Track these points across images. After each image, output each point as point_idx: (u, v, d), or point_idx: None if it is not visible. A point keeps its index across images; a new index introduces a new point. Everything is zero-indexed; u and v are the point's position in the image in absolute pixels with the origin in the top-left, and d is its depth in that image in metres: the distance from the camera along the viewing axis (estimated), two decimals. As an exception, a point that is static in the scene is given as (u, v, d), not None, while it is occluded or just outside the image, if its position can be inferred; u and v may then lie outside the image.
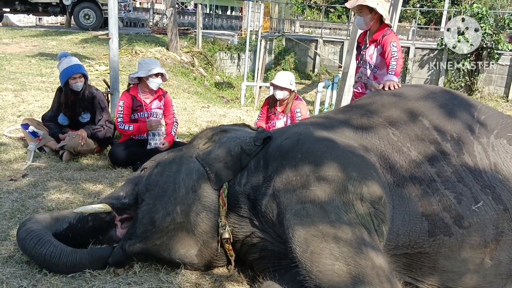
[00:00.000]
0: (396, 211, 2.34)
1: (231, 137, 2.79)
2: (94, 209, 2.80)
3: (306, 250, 2.10)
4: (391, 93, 3.13)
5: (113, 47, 6.17)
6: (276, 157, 2.52)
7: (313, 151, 2.42)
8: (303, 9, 35.68)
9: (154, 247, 2.62)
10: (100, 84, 7.19)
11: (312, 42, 22.92)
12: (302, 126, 2.82)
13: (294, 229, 2.17)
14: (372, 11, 3.97)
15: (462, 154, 2.51)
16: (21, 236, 2.59)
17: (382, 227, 2.23)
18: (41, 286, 2.48)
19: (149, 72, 4.70)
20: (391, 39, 3.96)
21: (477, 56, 17.09)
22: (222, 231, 2.56)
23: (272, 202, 2.40)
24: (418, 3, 29.11)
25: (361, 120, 2.74)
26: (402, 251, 2.33)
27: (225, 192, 2.60)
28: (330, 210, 2.17)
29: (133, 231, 2.64)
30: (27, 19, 23.10)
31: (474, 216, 2.32)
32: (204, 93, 12.42)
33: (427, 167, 2.46)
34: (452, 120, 2.66)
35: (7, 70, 9.34)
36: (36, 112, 6.27)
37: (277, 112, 5.11)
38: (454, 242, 2.30)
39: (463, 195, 2.36)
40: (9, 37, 14.04)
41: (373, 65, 4.14)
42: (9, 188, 3.84)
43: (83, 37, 14.45)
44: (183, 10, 26.85)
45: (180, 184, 2.64)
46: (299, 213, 2.21)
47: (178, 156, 2.84)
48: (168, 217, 2.59)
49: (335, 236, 2.09)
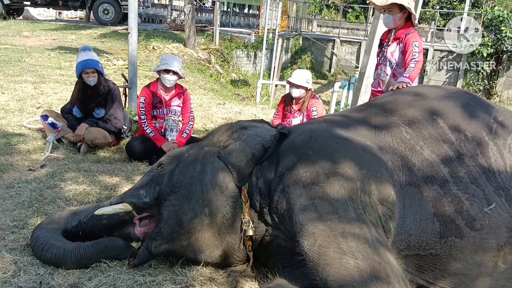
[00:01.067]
0: (408, 210, 2.32)
1: (251, 135, 2.77)
2: (115, 209, 2.75)
3: (314, 244, 2.11)
4: (409, 92, 3.11)
5: (132, 41, 6.21)
6: (288, 153, 2.53)
7: (324, 148, 2.43)
8: (320, 9, 35.50)
9: (180, 248, 2.62)
10: (118, 78, 7.26)
11: (329, 41, 22.84)
12: (316, 124, 2.82)
13: (302, 224, 2.19)
14: (402, 10, 3.95)
15: (476, 155, 2.47)
16: (31, 245, 2.67)
17: (389, 224, 2.24)
18: (57, 274, 2.51)
19: (158, 68, 4.73)
20: (413, 39, 3.94)
21: (496, 60, 16.87)
22: (246, 228, 2.56)
23: (282, 197, 2.41)
24: (437, 5, 28.78)
25: (376, 119, 2.72)
26: (414, 252, 2.31)
27: (246, 188, 2.60)
28: (339, 206, 2.18)
29: (159, 232, 2.60)
30: (47, 13, 23.40)
31: (486, 218, 2.28)
32: (220, 90, 12.45)
33: (440, 167, 2.43)
34: (469, 121, 2.62)
35: (27, 62, 9.46)
36: (55, 104, 6.35)
37: (293, 110, 5.11)
38: (465, 244, 2.27)
39: (475, 196, 2.33)
40: (29, 30, 14.22)
41: (394, 63, 4.11)
42: (28, 178, 3.90)
43: (101, 32, 14.58)
44: (201, 7, 26.96)
45: (207, 186, 2.60)
46: (308, 208, 2.22)
47: (200, 155, 2.77)
48: (196, 218, 2.56)
49: (343, 231, 2.10)
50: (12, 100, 6.48)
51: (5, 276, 2.44)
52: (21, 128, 5.36)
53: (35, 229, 2.73)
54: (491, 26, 17.31)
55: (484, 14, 18.52)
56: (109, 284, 2.46)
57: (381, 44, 4.31)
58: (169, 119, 4.90)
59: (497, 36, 16.63)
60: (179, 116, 4.99)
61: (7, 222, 3.06)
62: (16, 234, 2.91)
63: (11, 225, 3.03)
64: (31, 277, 2.46)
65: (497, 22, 16.74)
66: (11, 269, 2.51)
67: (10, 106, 6.22)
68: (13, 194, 3.53)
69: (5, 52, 10.22)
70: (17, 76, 7.94)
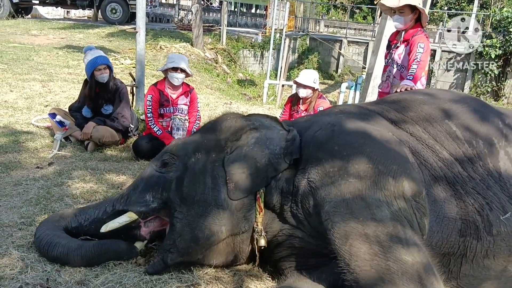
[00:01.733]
0: (432, 208, 2.29)
1: (260, 142, 2.59)
2: (121, 223, 2.68)
3: (345, 243, 2.07)
4: (422, 92, 3.08)
5: (140, 40, 6.23)
6: (311, 149, 2.45)
7: (350, 143, 2.35)
8: (328, 9, 35.48)
9: (196, 260, 2.61)
10: (125, 77, 7.29)
11: (336, 42, 22.81)
12: (333, 116, 2.70)
13: (334, 221, 2.13)
14: (413, 11, 3.91)
15: (489, 163, 2.44)
16: (36, 245, 2.68)
17: (424, 221, 2.20)
18: (64, 271, 2.52)
19: (166, 66, 4.75)
20: (419, 40, 3.90)
21: (505, 61, 16.76)
22: (258, 237, 2.53)
23: (308, 193, 2.34)
24: (445, 6, 28.65)
25: (392, 114, 2.67)
26: (435, 251, 2.28)
27: (262, 196, 2.52)
28: (372, 203, 2.12)
29: (173, 245, 2.54)
30: (55, 12, 23.49)
31: (502, 225, 2.27)
32: (226, 89, 12.47)
33: (459, 168, 2.40)
34: (482, 125, 2.58)
35: (35, 61, 9.52)
36: (63, 103, 6.38)
37: (300, 110, 5.11)
38: (480, 248, 2.26)
39: (493, 202, 2.31)
40: (38, 28, 14.29)
41: (400, 65, 4.08)
42: (36, 175, 3.93)
43: (109, 31, 14.63)
44: (208, 7, 26.98)
45: (223, 205, 2.49)
46: (339, 205, 2.16)
47: (208, 164, 2.59)
48: (213, 237, 2.50)
49: (376, 229, 2.05)
50: (20, 98, 6.53)
51: (12, 273, 2.46)
52: (29, 126, 5.40)
53: (38, 228, 2.72)
54: (500, 27, 17.21)
55: (492, 15, 18.42)
56: (115, 281, 2.47)
57: (389, 46, 4.27)
58: (176, 118, 4.91)
59: (506, 37, 16.52)
60: (186, 115, 5.01)
61: (14, 219, 3.08)
62: (23, 231, 2.92)
63: (18, 222, 3.05)
64: (38, 273, 2.48)
65: (505, 23, 16.62)
66: (18, 265, 2.52)
67: (19, 104, 6.27)
68: (21, 192, 3.56)
69: (14, 50, 10.28)
70: (26, 74, 7.99)
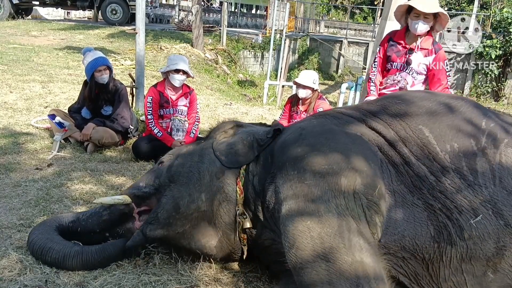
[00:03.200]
0: (399, 209, 2.26)
1: (246, 130, 2.84)
2: (113, 200, 2.81)
3: (292, 246, 2.09)
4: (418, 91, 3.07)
5: (140, 41, 6.23)
6: (279, 152, 2.50)
7: (312, 145, 2.37)
8: (328, 10, 35.47)
9: (176, 235, 2.64)
10: (125, 78, 7.29)
11: (336, 42, 22.78)
12: (307, 121, 2.77)
13: (285, 224, 2.16)
14: (436, 18, 3.89)
15: (463, 166, 2.36)
16: (30, 250, 2.66)
17: (375, 219, 2.18)
18: (63, 273, 2.52)
19: (167, 68, 4.75)
20: (443, 56, 4.00)
21: (505, 62, 16.75)
22: (241, 219, 2.57)
23: (273, 197, 2.39)
24: (446, 6, 28.65)
25: (393, 109, 2.62)
26: (409, 254, 2.25)
27: (242, 180, 2.61)
28: (320, 203, 2.13)
29: (155, 216, 2.65)
30: (55, 13, 23.52)
31: (473, 229, 2.22)
32: (226, 90, 12.46)
33: (427, 173, 2.35)
34: (463, 129, 2.48)
35: (35, 62, 9.52)
36: (62, 104, 6.38)
37: (300, 111, 5.10)
38: (455, 252, 2.22)
39: (463, 206, 2.25)
40: (38, 29, 14.30)
41: (417, 72, 4.00)
42: (35, 176, 3.93)
43: (109, 32, 14.64)
44: (208, 8, 26.97)
45: (204, 172, 2.65)
46: (292, 208, 2.19)
47: (198, 148, 2.86)
48: (193, 204, 2.60)
49: (321, 231, 2.06)
50: (20, 99, 6.53)
51: (11, 275, 2.46)
52: (28, 127, 5.40)
53: (29, 234, 2.71)
54: (500, 27, 17.17)
55: (492, 16, 18.41)
56: (114, 283, 2.47)
57: (397, 47, 4.08)
58: (175, 119, 4.91)
59: (506, 38, 16.51)
60: (185, 116, 5.01)
61: (13, 221, 3.08)
62: (22, 233, 2.92)
63: (17, 223, 3.05)
64: (37, 275, 2.48)
65: (505, 23, 16.60)
66: (17, 267, 2.52)
67: (18, 105, 6.27)
68: (20, 193, 3.56)
69: (14, 51, 10.29)
70: (25, 75, 7.99)
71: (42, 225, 2.75)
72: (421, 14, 3.84)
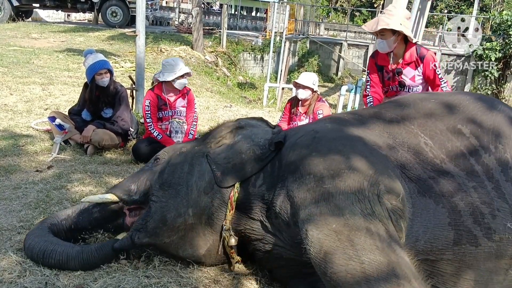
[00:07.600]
0: (417, 216, 2.25)
1: (246, 136, 2.71)
2: (101, 199, 2.83)
3: (320, 251, 2.04)
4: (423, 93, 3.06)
5: (140, 44, 6.24)
6: (290, 155, 2.45)
7: (329, 149, 2.34)
8: (328, 12, 35.54)
9: (162, 244, 2.64)
10: (125, 80, 7.29)
11: (336, 45, 22.82)
12: (320, 123, 2.74)
13: (308, 229, 2.11)
14: (395, 33, 3.70)
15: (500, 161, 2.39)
16: (28, 255, 2.64)
17: (401, 223, 2.17)
18: (63, 275, 2.52)
19: (175, 75, 4.74)
20: (431, 60, 3.76)
21: (505, 64, 16.76)
22: (226, 235, 2.57)
23: (286, 202, 2.34)
24: (445, 9, 28.70)
25: (389, 114, 2.66)
26: (423, 257, 2.24)
27: (234, 196, 2.56)
28: (344, 208, 2.10)
29: (144, 224, 2.63)
30: (55, 15, 23.56)
31: (507, 232, 2.23)
32: (226, 92, 12.47)
33: (461, 173, 2.35)
34: (489, 117, 2.53)
35: (35, 64, 9.53)
36: (63, 106, 6.39)
37: (299, 113, 5.10)
38: (480, 252, 2.22)
39: (500, 211, 2.25)
40: (38, 32, 14.32)
41: (415, 86, 3.91)
42: (35, 179, 3.93)
43: (109, 34, 14.66)
44: (208, 10, 27.02)
45: (192, 187, 2.61)
46: (313, 212, 2.14)
47: (190, 155, 2.77)
48: (180, 218, 2.58)
49: (349, 234, 2.02)
50: (20, 102, 6.53)
51: (11, 277, 2.45)
52: (28, 129, 5.40)
53: (25, 239, 2.70)
54: (499, 30, 17.20)
55: (492, 18, 18.42)
56: (114, 285, 2.46)
57: (382, 70, 3.99)
58: (174, 121, 4.92)
59: (505, 40, 16.54)
60: (184, 117, 5.02)
61: (13, 223, 3.08)
62: (22, 235, 2.91)
63: (17, 225, 3.05)
64: (36, 277, 2.47)
65: (505, 26, 16.63)
66: (17, 269, 2.52)
67: (18, 107, 6.27)
68: (20, 195, 3.56)
69: (14, 53, 10.30)
70: (26, 77, 8.00)
71: (36, 229, 2.75)
72: (375, 33, 3.75)
